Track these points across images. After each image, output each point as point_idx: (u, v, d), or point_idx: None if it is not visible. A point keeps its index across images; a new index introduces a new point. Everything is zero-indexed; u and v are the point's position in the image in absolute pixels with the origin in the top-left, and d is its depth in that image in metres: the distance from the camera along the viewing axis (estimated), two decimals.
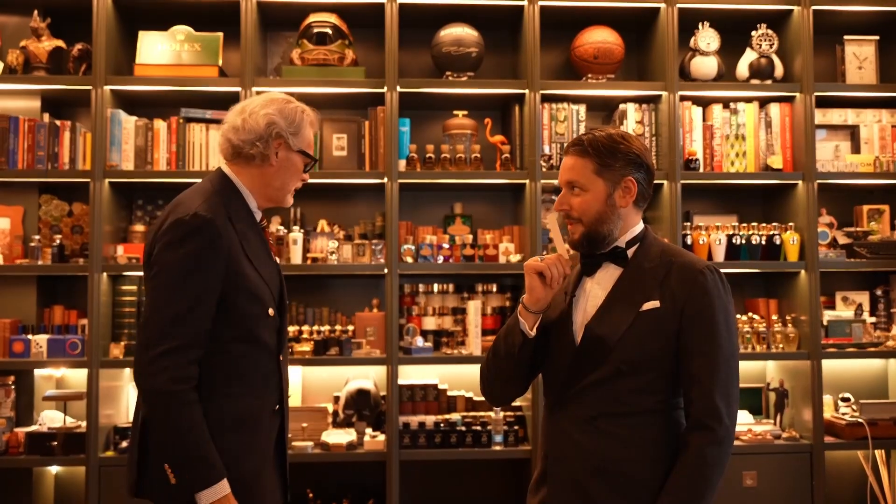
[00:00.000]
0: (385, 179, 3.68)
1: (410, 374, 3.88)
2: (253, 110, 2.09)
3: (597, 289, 1.94)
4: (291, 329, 3.74)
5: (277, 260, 2.26)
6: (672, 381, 1.86)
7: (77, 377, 3.73)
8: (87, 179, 3.58)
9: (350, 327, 3.79)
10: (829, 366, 3.81)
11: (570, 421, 1.90)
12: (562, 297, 2.00)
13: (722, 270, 1.93)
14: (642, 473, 1.83)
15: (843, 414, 3.78)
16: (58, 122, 3.68)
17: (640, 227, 1.96)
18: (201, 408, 1.91)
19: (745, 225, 3.84)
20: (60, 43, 3.77)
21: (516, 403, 3.80)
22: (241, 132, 2.08)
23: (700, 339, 1.82)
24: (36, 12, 3.73)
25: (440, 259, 3.74)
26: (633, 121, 3.88)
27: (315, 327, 3.78)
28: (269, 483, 2.08)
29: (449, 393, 3.83)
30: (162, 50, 3.75)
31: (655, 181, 3.69)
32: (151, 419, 1.94)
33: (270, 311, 2.07)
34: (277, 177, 2.12)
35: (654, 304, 1.86)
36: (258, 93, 3.67)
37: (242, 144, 2.08)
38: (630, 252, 1.94)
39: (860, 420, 3.69)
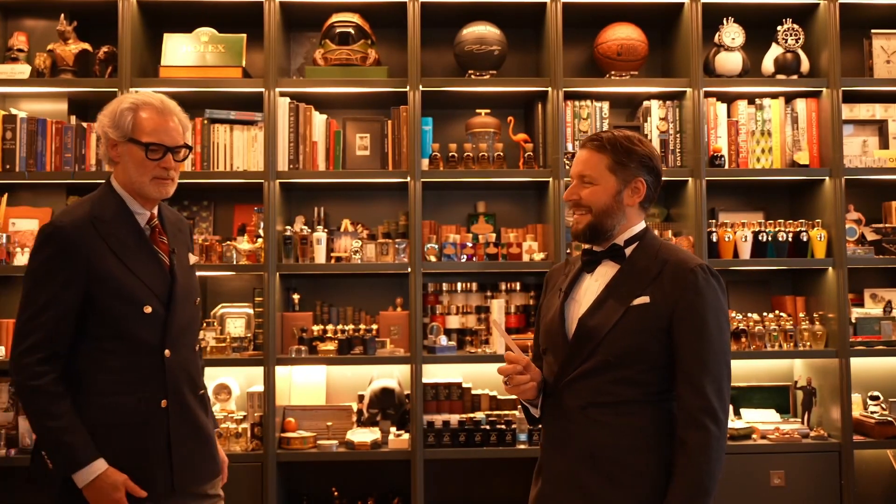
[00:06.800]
0: (408, 178, 3.69)
1: (434, 373, 3.89)
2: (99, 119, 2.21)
3: (594, 285, 2.02)
4: (316, 328, 3.75)
5: (166, 257, 2.22)
6: (662, 374, 1.92)
7: None
8: None
9: (374, 326, 3.79)
10: (858, 364, 3.77)
11: (563, 411, 1.98)
12: (557, 295, 2.08)
13: (748, 268, 1.94)
14: (634, 461, 1.89)
15: (873, 412, 3.74)
16: (84, 125, 3.72)
17: (640, 226, 2.04)
18: (68, 399, 2.04)
19: (771, 222, 3.80)
20: (87, 46, 3.81)
21: None
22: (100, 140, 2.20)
23: (690, 337, 1.88)
24: (63, 16, 3.78)
25: (463, 258, 3.74)
26: (657, 118, 3.85)
27: (339, 326, 3.80)
28: (148, 474, 2.10)
29: (473, 391, 3.83)
30: (186, 52, 3.79)
31: (680, 178, 3.75)
32: (25, 411, 2.12)
33: (147, 309, 2.11)
34: (127, 172, 2.17)
35: (644, 299, 1.91)
36: (282, 94, 3.72)
37: (105, 151, 2.19)
38: (628, 251, 2.01)
39: (889, 419, 3.65)
